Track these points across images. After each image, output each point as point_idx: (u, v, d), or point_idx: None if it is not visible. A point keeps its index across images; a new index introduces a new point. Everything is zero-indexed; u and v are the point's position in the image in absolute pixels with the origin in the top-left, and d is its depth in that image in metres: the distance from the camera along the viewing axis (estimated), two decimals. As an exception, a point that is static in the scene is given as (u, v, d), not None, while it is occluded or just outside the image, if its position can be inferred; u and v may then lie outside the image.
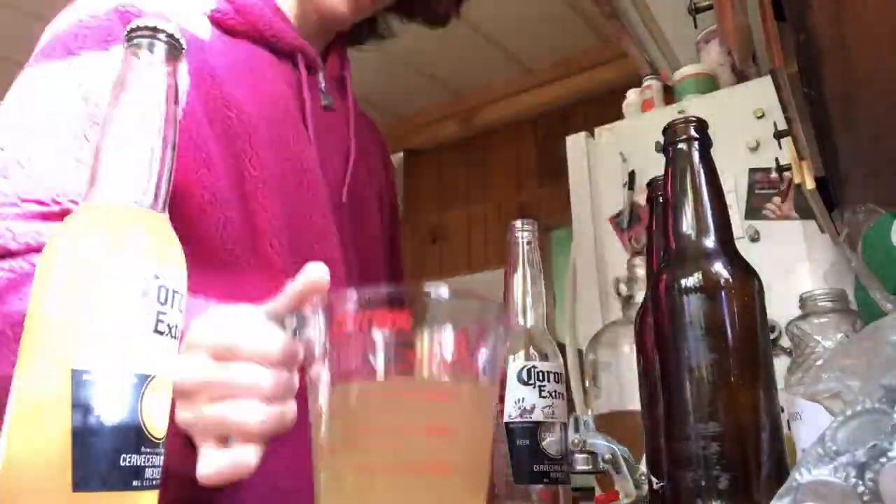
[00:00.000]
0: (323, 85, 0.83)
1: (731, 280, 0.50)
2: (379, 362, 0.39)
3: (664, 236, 0.54)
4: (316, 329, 0.40)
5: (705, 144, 0.54)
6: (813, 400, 0.50)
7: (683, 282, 0.50)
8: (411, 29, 1.02)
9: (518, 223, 0.68)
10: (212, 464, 0.45)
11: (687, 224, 0.52)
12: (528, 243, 0.67)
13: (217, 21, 0.76)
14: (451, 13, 0.93)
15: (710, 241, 0.51)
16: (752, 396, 0.48)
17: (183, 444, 0.47)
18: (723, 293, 0.49)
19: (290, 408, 0.48)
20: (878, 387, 0.38)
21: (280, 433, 0.47)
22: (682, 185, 0.53)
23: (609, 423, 0.80)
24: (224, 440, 0.46)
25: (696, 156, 0.53)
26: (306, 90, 0.79)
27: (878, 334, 0.44)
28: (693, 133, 0.54)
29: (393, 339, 0.38)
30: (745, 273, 0.51)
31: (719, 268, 0.50)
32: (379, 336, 0.38)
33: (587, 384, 0.92)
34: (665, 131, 0.55)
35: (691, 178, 0.52)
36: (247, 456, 0.46)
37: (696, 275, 0.50)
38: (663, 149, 0.55)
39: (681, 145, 0.54)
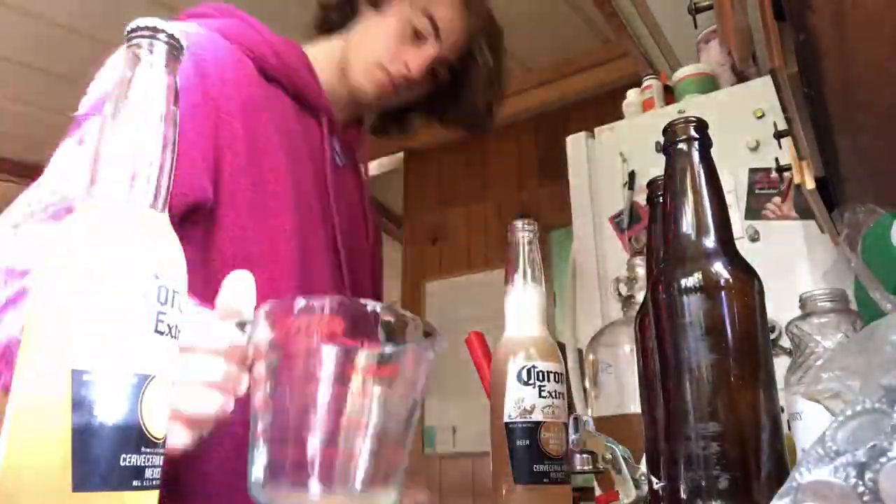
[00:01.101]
0: (338, 147, 0.94)
1: (730, 280, 0.50)
2: (317, 368, 0.41)
3: (664, 236, 0.54)
4: (261, 332, 0.43)
5: (705, 144, 0.54)
6: (813, 400, 0.50)
7: (683, 282, 0.50)
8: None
9: (518, 223, 0.68)
10: None
11: (687, 224, 0.52)
12: (529, 243, 0.67)
13: (258, 62, 0.84)
14: (485, 122, 1.01)
15: (709, 241, 0.51)
16: (751, 396, 0.48)
17: None
18: (723, 293, 0.49)
19: (230, 400, 0.49)
20: (877, 387, 0.38)
21: (220, 420, 0.49)
22: (682, 185, 0.53)
23: (609, 424, 0.80)
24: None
25: (695, 156, 0.53)
26: (328, 145, 0.89)
27: (877, 334, 0.44)
28: (693, 133, 0.54)
29: (331, 347, 0.41)
30: (745, 273, 0.51)
31: (719, 268, 0.50)
32: (316, 343, 0.41)
33: (587, 384, 0.92)
34: (665, 131, 0.55)
35: (691, 178, 0.52)
36: (175, 437, 0.46)
37: (696, 275, 0.50)
38: (663, 149, 0.55)
39: (681, 145, 0.54)
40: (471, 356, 1.03)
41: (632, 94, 1.85)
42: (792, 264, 1.36)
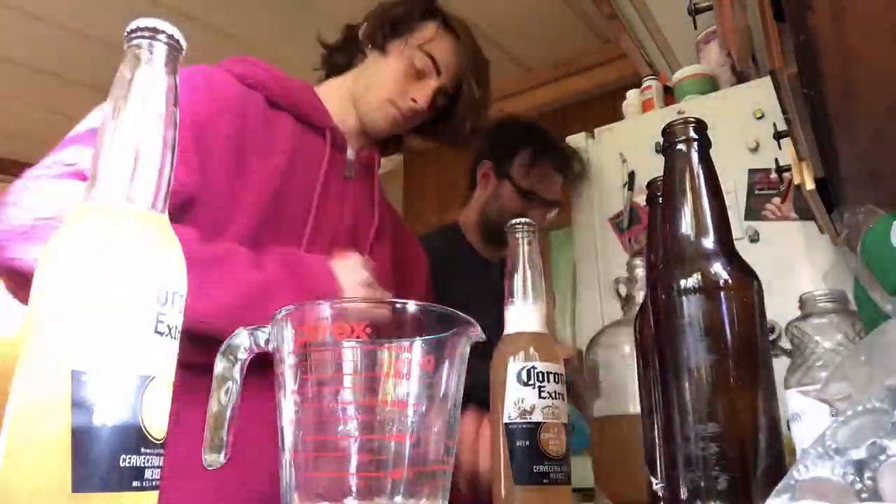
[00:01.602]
0: (351, 160, 1.05)
1: (729, 281, 0.49)
2: (343, 369, 0.41)
3: (663, 237, 0.54)
4: (282, 338, 0.42)
5: (704, 145, 0.54)
6: (824, 402, 0.50)
7: (682, 282, 0.50)
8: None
9: (517, 223, 0.68)
10: None
11: (686, 225, 0.51)
12: (529, 243, 0.67)
13: (264, 94, 0.97)
14: (470, 140, 1.15)
15: (708, 242, 0.51)
16: (750, 397, 0.48)
17: None
18: (722, 294, 0.49)
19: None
20: (881, 388, 0.38)
21: None
22: (682, 185, 0.52)
23: (609, 424, 0.80)
24: None
25: (695, 156, 0.53)
26: (326, 160, 1.00)
27: (885, 337, 0.45)
28: (692, 134, 0.53)
29: (355, 348, 0.41)
30: (744, 274, 0.51)
31: (718, 268, 0.50)
32: (340, 346, 0.41)
33: (587, 385, 0.92)
34: (664, 132, 0.55)
35: (690, 179, 0.52)
36: None
37: (695, 275, 0.50)
38: (662, 149, 0.55)
39: (680, 146, 0.53)
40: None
41: (631, 95, 1.85)
42: (791, 265, 1.36)
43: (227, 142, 0.89)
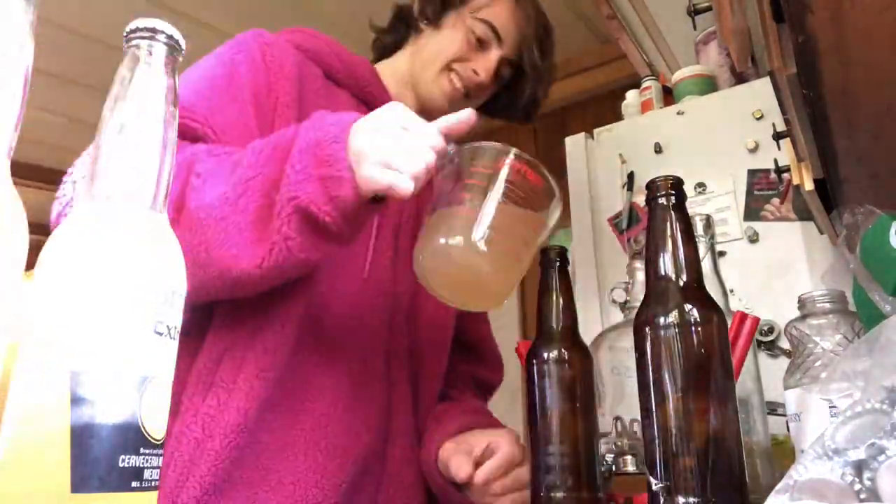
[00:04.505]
0: None
1: (697, 318, 0.56)
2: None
3: (646, 276, 0.61)
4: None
5: (681, 199, 0.61)
6: (826, 399, 0.51)
7: (662, 319, 0.57)
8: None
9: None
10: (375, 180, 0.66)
11: (664, 267, 0.59)
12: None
13: (325, 69, 0.93)
14: (532, 116, 1.09)
15: (681, 281, 0.58)
16: (707, 414, 0.53)
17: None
18: (692, 328, 0.56)
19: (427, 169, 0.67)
20: (880, 388, 0.38)
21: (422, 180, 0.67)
22: (662, 233, 0.60)
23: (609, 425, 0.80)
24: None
25: (672, 209, 0.60)
26: None
27: (883, 336, 0.45)
28: (671, 190, 0.61)
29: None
30: (709, 310, 0.57)
31: (688, 305, 0.56)
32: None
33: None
34: (648, 186, 0.62)
35: (670, 228, 0.60)
36: (402, 181, 0.65)
37: (673, 313, 0.57)
38: (646, 201, 0.62)
39: (661, 199, 0.61)
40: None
41: (630, 95, 1.85)
42: (791, 265, 1.36)
43: (287, 110, 0.85)
